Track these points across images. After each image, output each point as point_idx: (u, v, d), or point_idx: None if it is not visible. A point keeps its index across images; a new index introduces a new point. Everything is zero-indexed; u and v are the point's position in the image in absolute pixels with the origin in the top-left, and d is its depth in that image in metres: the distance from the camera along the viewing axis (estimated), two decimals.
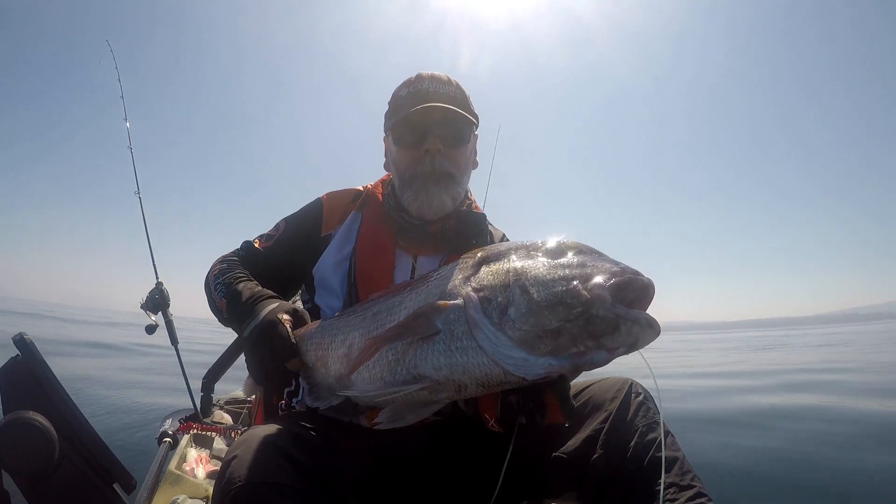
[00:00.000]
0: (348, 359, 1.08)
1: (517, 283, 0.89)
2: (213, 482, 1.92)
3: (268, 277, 1.46)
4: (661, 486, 1.11)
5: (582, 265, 0.89)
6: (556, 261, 0.92)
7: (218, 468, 2.06)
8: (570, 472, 1.24)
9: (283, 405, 1.45)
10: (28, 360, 1.53)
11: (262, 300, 1.28)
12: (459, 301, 0.94)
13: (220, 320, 1.41)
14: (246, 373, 1.32)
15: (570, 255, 0.93)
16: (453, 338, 0.92)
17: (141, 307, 2.79)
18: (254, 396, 2.62)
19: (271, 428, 1.07)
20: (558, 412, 1.02)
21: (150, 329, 2.75)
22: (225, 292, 1.36)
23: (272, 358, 1.18)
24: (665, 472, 1.14)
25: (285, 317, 1.21)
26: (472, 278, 0.97)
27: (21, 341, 1.54)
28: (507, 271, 0.93)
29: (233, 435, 2.39)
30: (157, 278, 2.86)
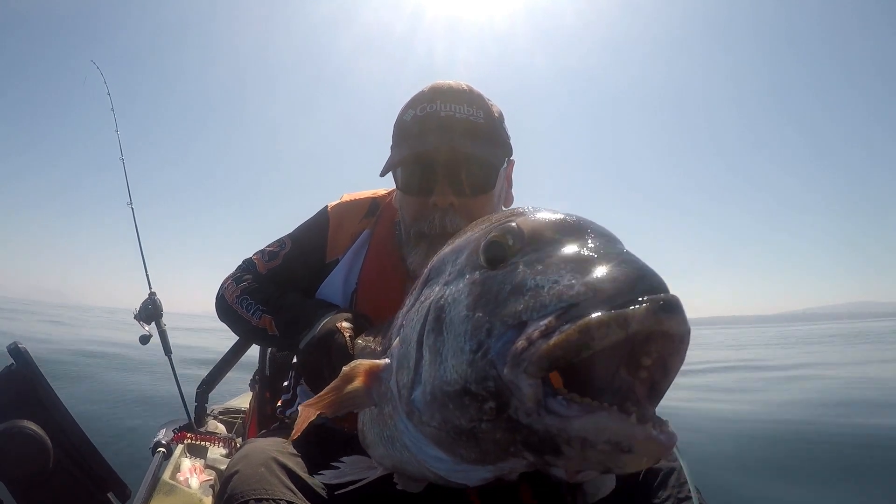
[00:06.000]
0: None
1: (428, 339, 0.55)
2: (207, 492, 1.92)
3: None
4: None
5: (519, 289, 0.50)
6: (483, 284, 0.53)
7: (212, 478, 2.06)
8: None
9: (278, 413, 1.45)
10: (22, 369, 1.53)
11: (319, 308, 1.20)
12: (389, 361, 0.62)
13: (259, 341, 1.32)
14: (242, 385, 1.29)
15: (508, 271, 0.53)
16: (384, 424, 0.64)
17: (134, 317, 2.78)
18: (247, 406, 2.61)
19: (271, 442, 1.07)
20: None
21: (144, 339, 2.75)
22: (267, 309, 1.26)
23: (329, 367, 1.09)
24: (662, 487, 1.08)
25: (345, 325, 1.12)
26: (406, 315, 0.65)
27: (15, 350, 1.54)
28: (428, 310, 0.58)
29: (230, 444, 2.39)
30: (149, 289, 2.85)
